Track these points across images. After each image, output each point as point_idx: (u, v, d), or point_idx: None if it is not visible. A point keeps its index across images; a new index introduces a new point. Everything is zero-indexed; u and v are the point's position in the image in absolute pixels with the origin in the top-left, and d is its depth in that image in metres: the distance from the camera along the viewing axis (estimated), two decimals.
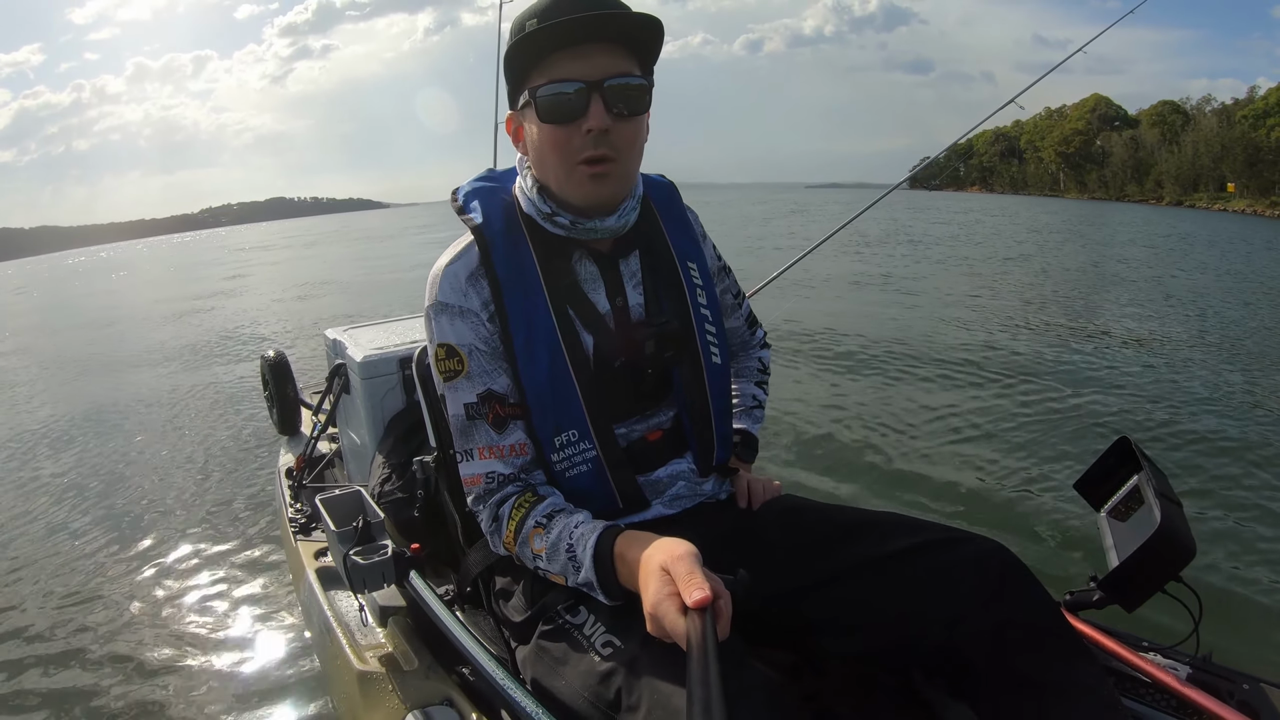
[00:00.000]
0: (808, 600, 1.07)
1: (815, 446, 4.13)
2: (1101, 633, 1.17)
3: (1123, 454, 1.30)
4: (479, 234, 1.07)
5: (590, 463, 1.07)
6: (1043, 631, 0.96)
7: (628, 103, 0.99)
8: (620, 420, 1.11)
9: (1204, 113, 67.34)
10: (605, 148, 0.99)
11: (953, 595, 0.98)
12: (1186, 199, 60.80)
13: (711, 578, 0.81)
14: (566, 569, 0.98)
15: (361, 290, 13.45)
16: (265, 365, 2.98)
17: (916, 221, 23.37)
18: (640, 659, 0.88)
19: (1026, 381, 5.28)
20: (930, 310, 8.50)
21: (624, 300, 1.11)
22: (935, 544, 1.02)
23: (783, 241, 17.40)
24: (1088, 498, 1.36)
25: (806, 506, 1.19)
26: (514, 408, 1.05)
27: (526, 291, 1.06)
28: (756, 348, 1.41)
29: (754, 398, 1.36)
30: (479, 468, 1.06)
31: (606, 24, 0.97)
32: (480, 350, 1.05)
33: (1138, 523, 1.18)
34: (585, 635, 0.97)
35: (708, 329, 1.17)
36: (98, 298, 18.87)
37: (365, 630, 1.50)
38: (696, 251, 1.21)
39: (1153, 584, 1.10)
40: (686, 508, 1.15)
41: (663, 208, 1.19)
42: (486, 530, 1.08)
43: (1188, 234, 23.03)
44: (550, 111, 0.99)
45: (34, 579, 3.11)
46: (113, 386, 6.70)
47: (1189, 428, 4.27)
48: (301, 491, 2.27)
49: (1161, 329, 7.46)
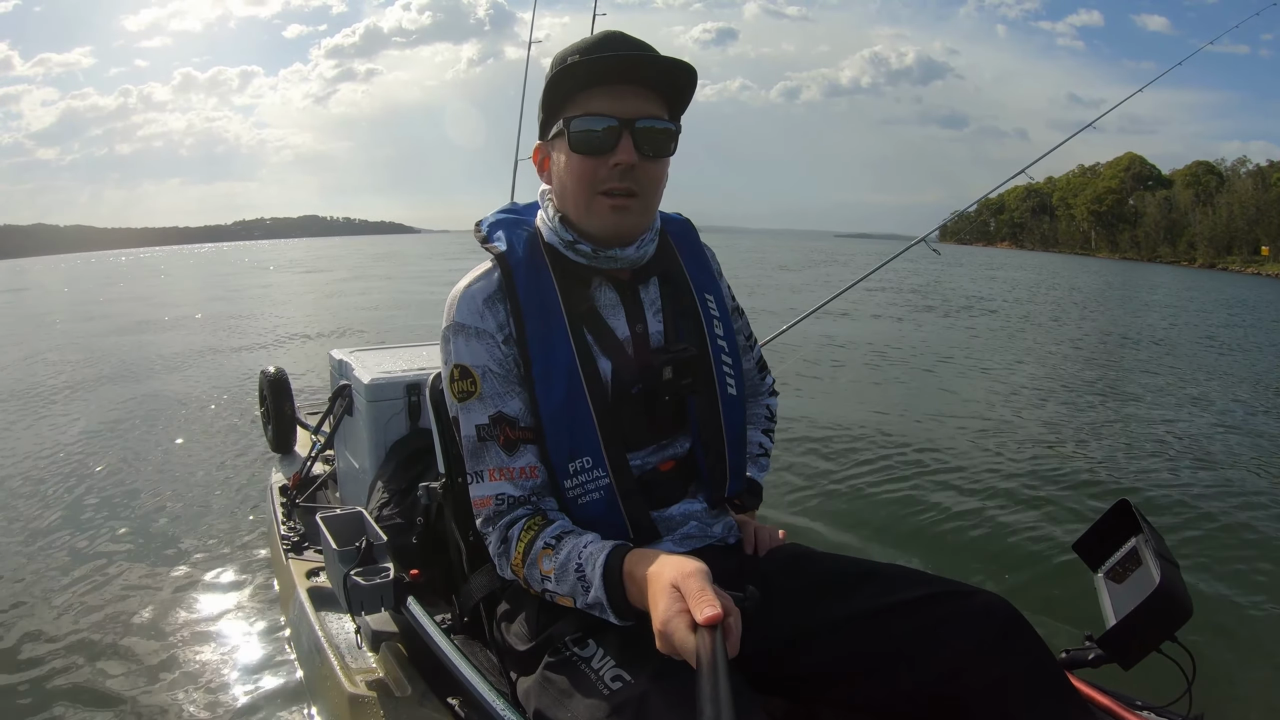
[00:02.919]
0: (808, 647, 1.07)
1: (819, 496, 4.16)
2: (1097, 691, 1.17)
3: (1122, 516, 1.33)
4: (502, 260, 1.10)
5: (603, 490, 1.07)
6: (1044, 686, 0.97)
7: (655, 144, 1.04)
8: (635, 450, 1.12)
9: (1238, 174, 67.20)
10: (630, 182, 1.04)
11: (955, 647, 0.98)
12: (1220, 261, 60.45)
13: (722, 595, 0.81)
14: (575, 589, 0.97)
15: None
16: (264, 381, 2.96)
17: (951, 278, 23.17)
18: (650, 694, 0.88)
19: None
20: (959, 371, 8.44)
21: (644, 327, 1.13)
22: (939, 596, 1.03)
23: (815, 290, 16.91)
24: (1086, 558, 1.38)
25: (811, 555, 1.20)
26: (525, 431, 1.06)
27: (546, 317, 1.08)
28: (766, 394, 1.42)
29: (760, 445, 1.36)
30: (489, 489, 1.06)
31: (645, 66, 1.03)
32: (494, 372, 1.06)
33: (1135, 583, 1.19)
34: (594, 669, 0.96)
35: (724, 360, 1.19)
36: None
37: (357, 654, 1.48)
38: (714, 286, 1.23)
39: (1150, 642, 1.11)
40: (695, 548, 1.15)
41: (680, 242, 1.23)
42: (494, 553, 1.08)
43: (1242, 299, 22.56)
44: (581, 143, 1.03)
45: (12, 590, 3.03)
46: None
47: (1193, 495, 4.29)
48: (295, 510, 2.25)
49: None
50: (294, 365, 4.87)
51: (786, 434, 5.49)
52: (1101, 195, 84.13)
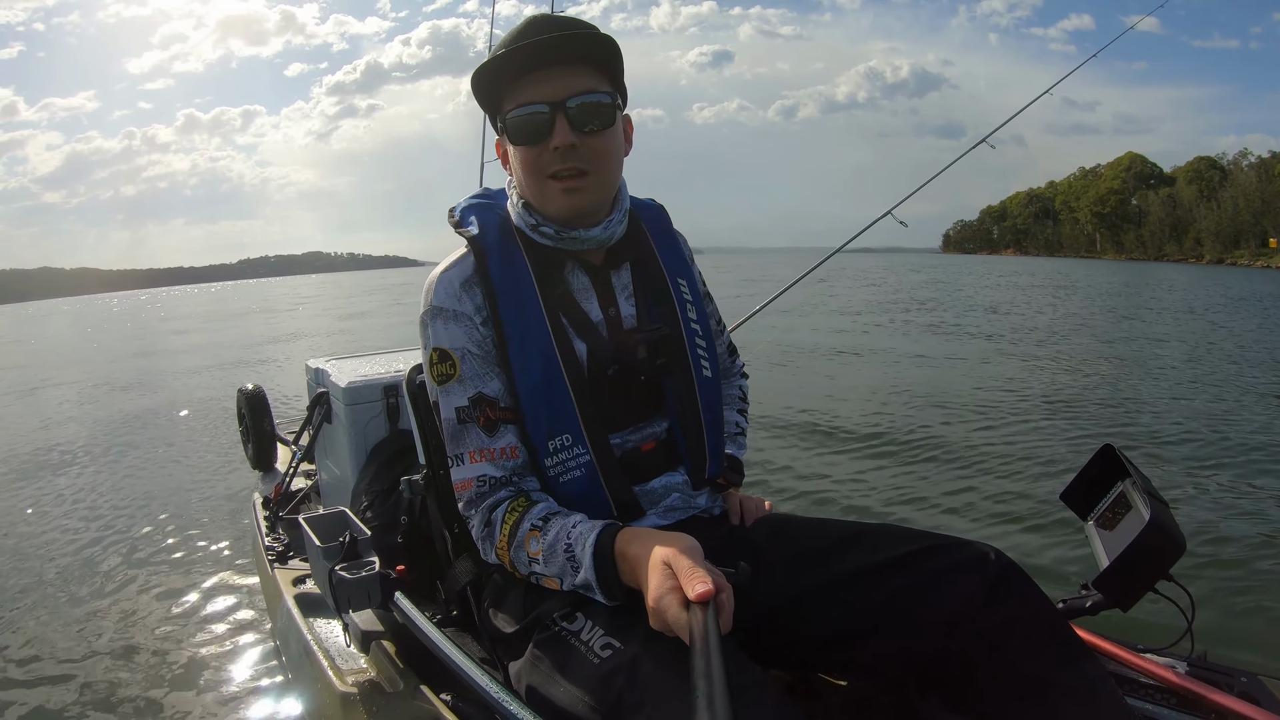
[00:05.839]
0: (804, 611, 1.06)
1: (806, 473, 4.18)
2: (1098, 637, 1.17)
3: (1107, 461, 1.33)
4: (474, 244, 1.09)
5: (584, 468, 1.06)
6: (1044, 631, 0.96)
7: (591, 118, 1.03)
8: (614, 430, 1.11)
9: (1241, 168, 66.93)
10: (575, 162, 1.03)
11: (952, 598, 0.98)
12: (1228, 256, 60.16)
13: (713, 571, 0.80)
14: (564, 570, 0.96)
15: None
16: (242, 398, 2.92)
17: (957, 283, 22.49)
18: (641, 658, 0.86)
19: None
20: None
21: (616, 311, 1.13)
22: (931, 549, 1.02)
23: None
24: (1074, 507, 1.38)
25: (799, 521, 1.19)
26: (505, 412, 1.05)
27: (520, 298, 1.07)
28: (737, 376, 1.43)
29: (737, 424, 1.37)
30: (470, 471, 1.05)
31: (560, 45, 1.01)
32: (473, 354, 1.05)
33: (1126, 525, 1.19)
34: (583, 640, 0.94)
35: (698, 342, 1.18)
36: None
37: (347, 655, 1.45)
38: (686, 270, 1.23)
39: (1146, 580, 1.11)
40: (680, 519, 1.14)
41: (653, 227, 1.22)
42: (478, 537, 1.06)
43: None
44: (518, 133, 1.03)
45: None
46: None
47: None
48: (279, 523, 2.21)
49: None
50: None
51: (784, 418, 5.55)
52: (1104, 196, 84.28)
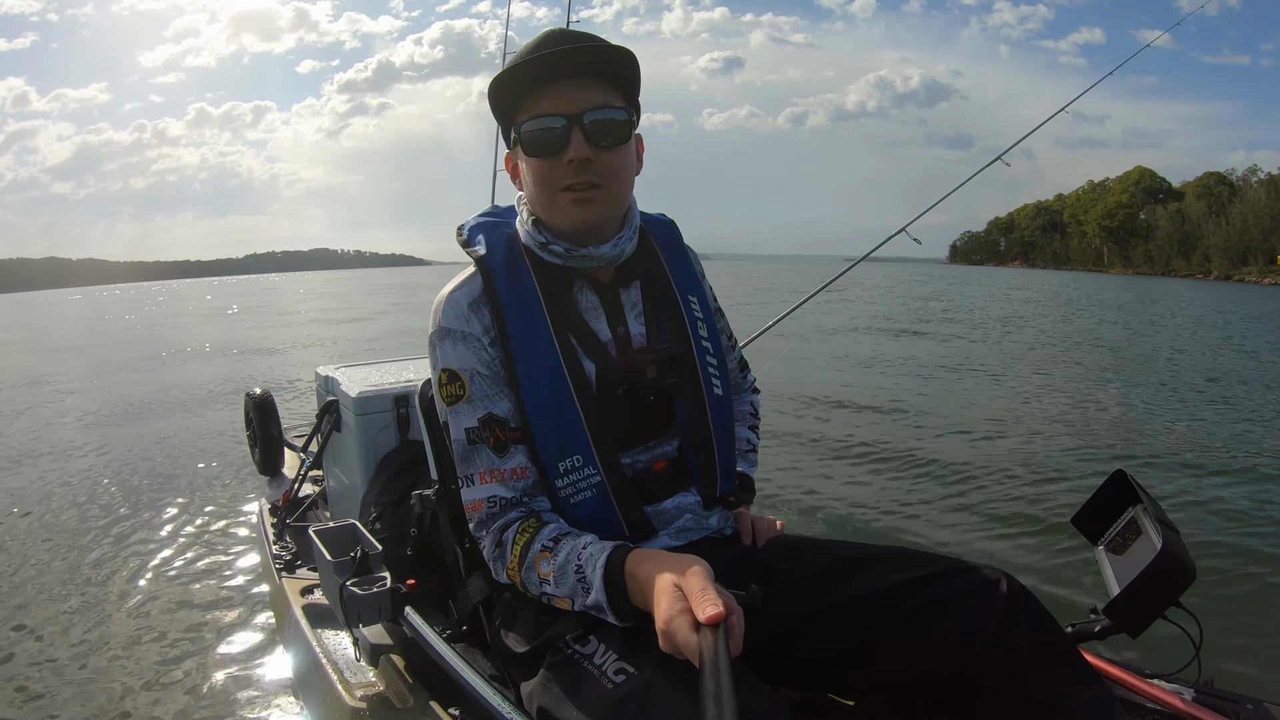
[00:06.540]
0: (814, 632, 1.06)
1: (817, 490, 4.18)
2: (1105, 662, 1.17)
3: (1118, 486, 1.33)
4: (482, 264, 1.09)
5: (595, 489, 1.06)
6: (1054, 656, 0.97)
7: (607, 134, 1.03)
8: (624, 450, 1.11)
9: (1250, 184, 66.35)
10: (588, 175, 1.03)
11: (961, 623, 0.98)
12: (1235, 273, 59.56)
13: (724, 594, 0.80)
14: (575, 592, 0.96)
15: None
16: (250, 403, 2.92)
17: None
18: (654, 685, 0.86)
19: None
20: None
21: (625, 330, 1.12)
22: (942, 574, 1.03)
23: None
24: (1085, 531, 1.38)
25: (811, 543, 1.19)
26: (515, 432, 1.05)
27: (528, 318, 1.07)
28: (748, 391, 1.42)
29: (748, 441, 1.36)
30: (480, 492, 1.05)
31: (578, 59, 1.02)
32: (482, 375, 1.06)
33: (1136, 551, 1.19)
34: (596, 664, 0.94)
35: (709, 360, 1.18)
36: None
37: (356, 668, 1.45)
38: (697, 286, 1.23)
39: (1156, 608, 1.11)
40: (693, 540, 1.14)
41: (663, 242, 1.22)
42: (489, 557, 1.06)
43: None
44: (534, 145, 1.03)
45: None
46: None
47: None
48: (286, 530, 2.21)
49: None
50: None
51: (795, 429, 5.53)
52: (1112, 210, 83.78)
